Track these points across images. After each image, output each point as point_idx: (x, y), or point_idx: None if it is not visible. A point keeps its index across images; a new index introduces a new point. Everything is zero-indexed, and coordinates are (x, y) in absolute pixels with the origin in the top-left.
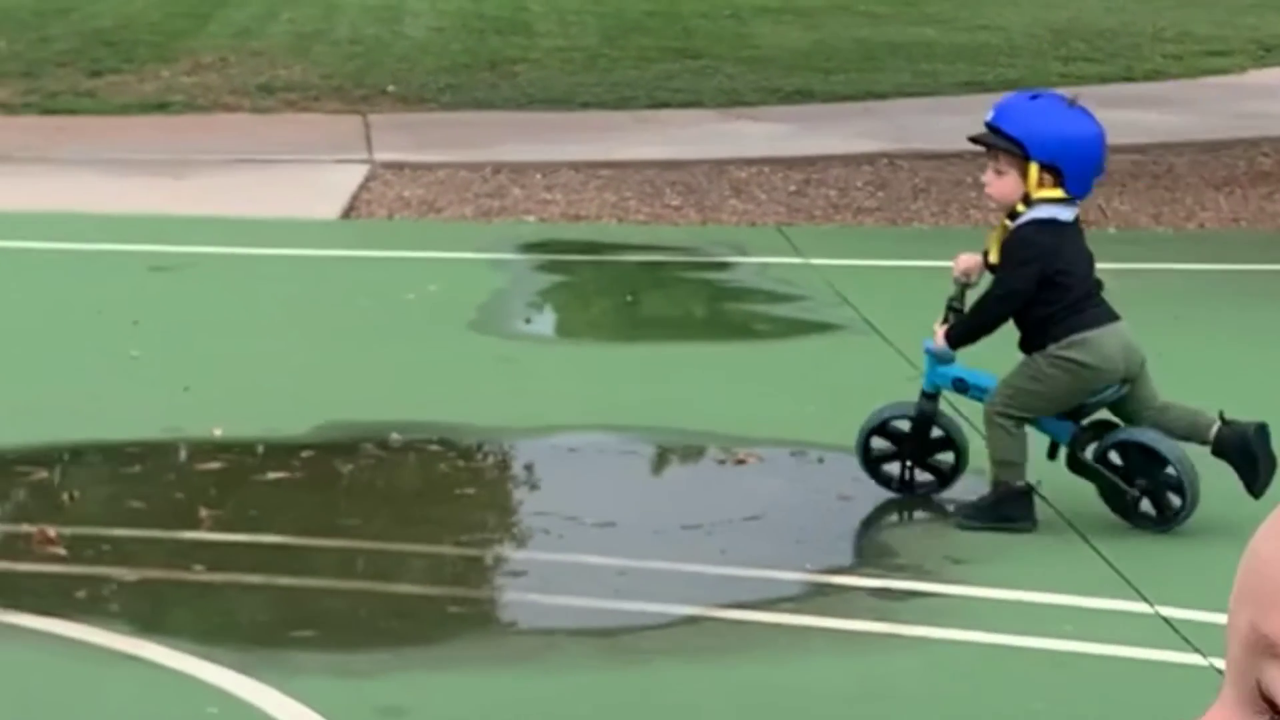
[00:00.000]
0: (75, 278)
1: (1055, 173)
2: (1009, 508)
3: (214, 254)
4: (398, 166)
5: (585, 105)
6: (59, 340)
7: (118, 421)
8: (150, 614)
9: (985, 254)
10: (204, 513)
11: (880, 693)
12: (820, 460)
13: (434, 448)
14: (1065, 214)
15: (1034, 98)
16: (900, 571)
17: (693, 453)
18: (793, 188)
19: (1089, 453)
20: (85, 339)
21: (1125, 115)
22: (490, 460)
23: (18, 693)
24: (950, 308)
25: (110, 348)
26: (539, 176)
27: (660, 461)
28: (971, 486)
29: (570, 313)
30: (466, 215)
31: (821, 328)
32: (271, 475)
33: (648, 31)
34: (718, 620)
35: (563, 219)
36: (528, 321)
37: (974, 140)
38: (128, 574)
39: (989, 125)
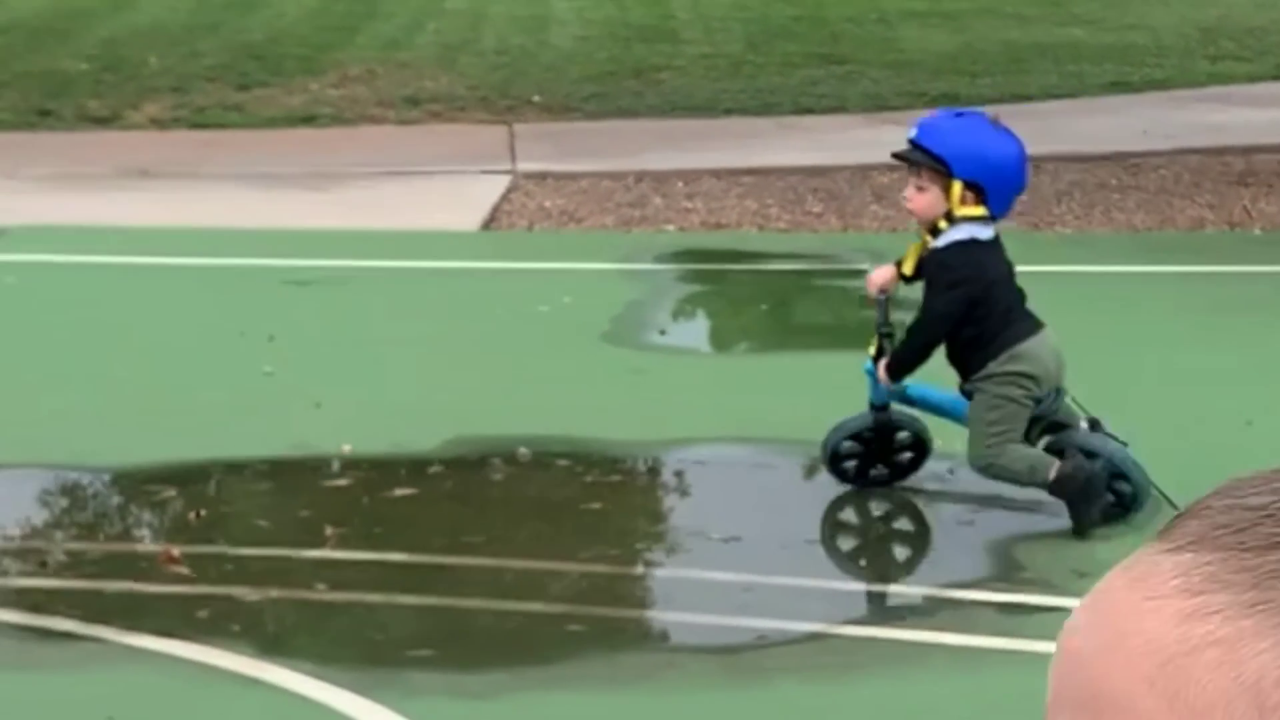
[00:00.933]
0: (215, 293)
1: (978, 190)
2: (1076, 491)
3: (352, 267)
4: (540, 176)
5: (729, 112)
6: (195, 357)
7: (247, 439)
8: (271, 635)
9: (899, 264)
10: (329, 531)
11: (1004, 710)
12: (950, 471)
13: (561, 462)
14: (985, 232)
15: (958, 115)
16: (1026, 586)
17: (822, 465)
18: None
19: None
20: (221, 356)
21: (1274, 115)
22: (617, 475)
23: (137, 717)
24: (880, 334)
25: (245, 364)
26: (680, 184)
27: (789, 474)
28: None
29: (705, 323)
30: (607, 225)
31: None
32: (398, 492)
33: (793, 37)
34: (841, 637)
35: (703, 227)
36: (662, 333)
37: (897, 156)
38: (250, 594)
39: (912, 142)
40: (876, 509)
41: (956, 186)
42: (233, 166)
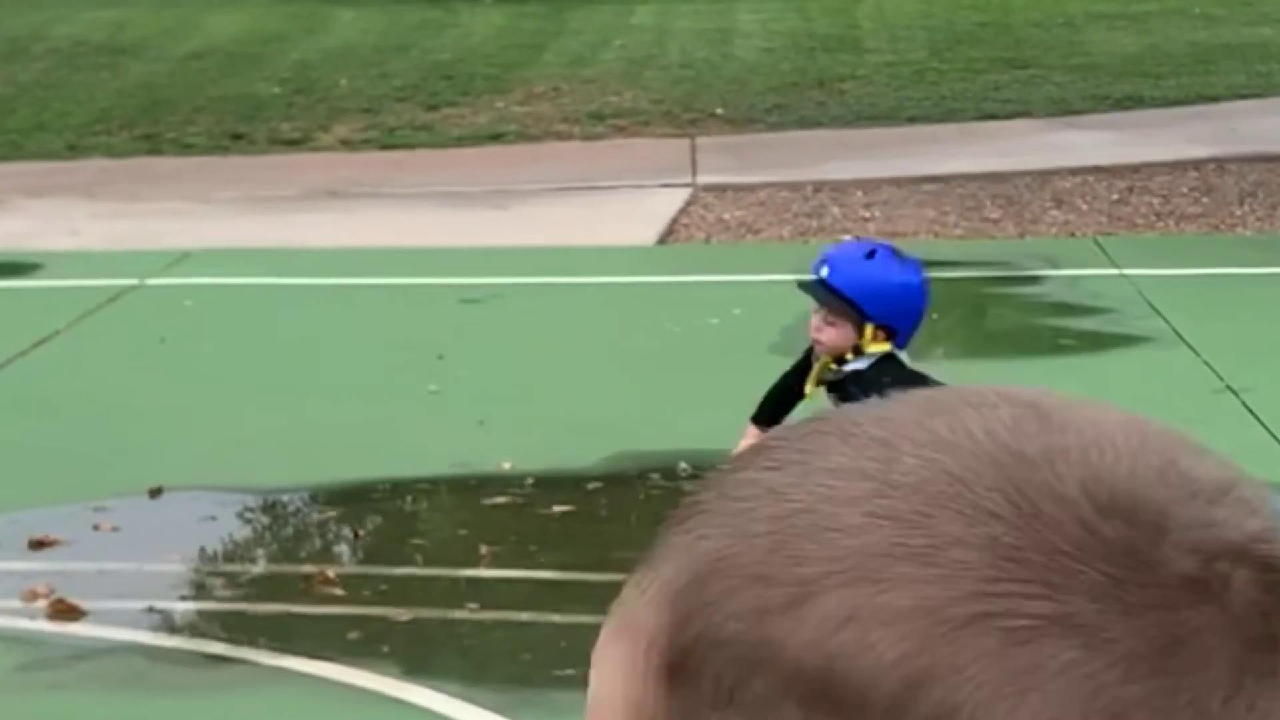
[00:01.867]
0: (389, 313)
1: (888, 330)
2: None
3: (525, 284)
4: (720, 189)
5: (912, 120)
6: (362, 378)
7: (409, 458)
8: (419, 655)
9: (764, 408)
10: (484, 549)
11: None
12: None
13: None
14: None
15: (869, 254)
16: None
17: None
18: (1115, 196)
19: None
20: (388, 375)
21: None
22: None
23: None
24: None
25: (411, 383)
26: (859, 194)
27: None
28: None
29: None
30: (783, 236)
31: (1127, 340)
32: (556, 509)
33: (978, 42)
34: None
35: (879, 236)
36: None
37: (805, 289)
38: (401, 614)
39: (824, 282)
40: None
41: (869, 329)
42: (418, 186)
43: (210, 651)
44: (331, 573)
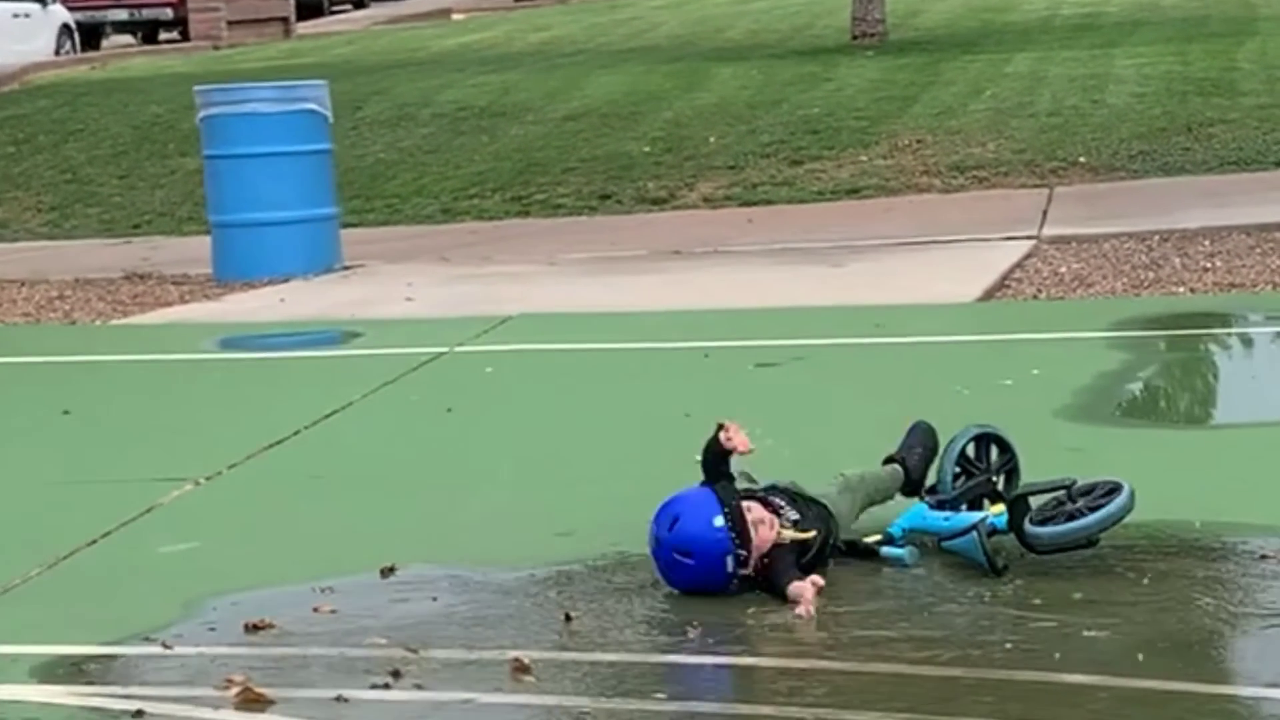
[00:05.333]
0: (682, 377)
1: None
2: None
3: (825, 346)
4: (1064, 240)
5: (1278, 164)
6: (632, 448)
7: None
8: None
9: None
10: (691, 632)
11: None
12: None
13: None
14: None
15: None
16: None
17: (1214, 553)
18: None
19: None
20: (660, 445)
21: None
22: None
23: None
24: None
25: (680, 453)
26: (1206, 243)
27: (1175, 562)
28: None
29: (1165, 396)
30: (1115, 290)
31: None
32: None
33: None
34: None
35: (1215, 288)
36: (1118, 407)
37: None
38: (587, 705)
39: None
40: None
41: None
42: (762, 243)
43: None
44: (527, 659)
